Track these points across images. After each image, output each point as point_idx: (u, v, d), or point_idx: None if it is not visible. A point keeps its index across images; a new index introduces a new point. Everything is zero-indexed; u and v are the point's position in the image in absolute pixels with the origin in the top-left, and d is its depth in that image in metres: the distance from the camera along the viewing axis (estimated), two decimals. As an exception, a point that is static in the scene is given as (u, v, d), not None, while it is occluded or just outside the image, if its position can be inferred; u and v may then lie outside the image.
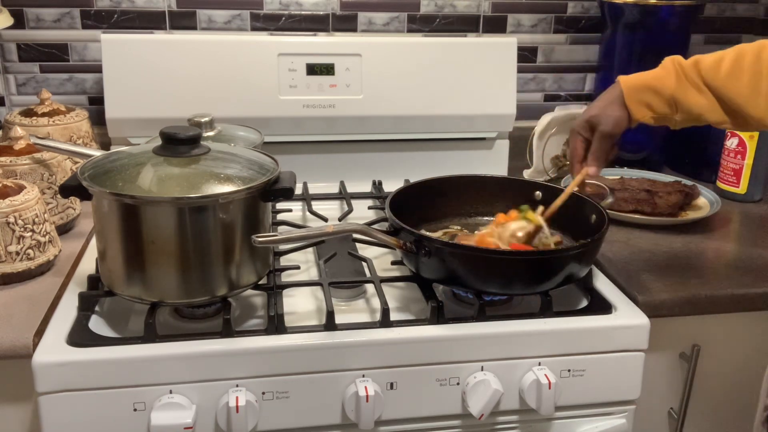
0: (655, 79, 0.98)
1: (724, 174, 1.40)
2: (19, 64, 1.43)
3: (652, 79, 0.98)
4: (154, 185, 0.89)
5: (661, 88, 0.97)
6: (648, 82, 0.99)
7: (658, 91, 0.98)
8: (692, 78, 0.96)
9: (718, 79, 0.94)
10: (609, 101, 1.01)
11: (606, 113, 1.00)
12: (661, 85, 0.97)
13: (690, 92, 0.96)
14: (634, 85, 0.99)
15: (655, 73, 0.99)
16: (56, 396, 0.86)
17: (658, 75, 0.99)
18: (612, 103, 1.01)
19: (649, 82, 0.99)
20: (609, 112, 1.00)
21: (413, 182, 1.18)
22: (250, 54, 1.36)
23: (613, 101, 1.01)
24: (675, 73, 0.97)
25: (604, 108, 1.01)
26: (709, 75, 0.95)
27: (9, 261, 0.99)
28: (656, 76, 0.99)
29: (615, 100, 1.00)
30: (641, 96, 0.99)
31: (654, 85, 0.98)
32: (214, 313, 0.99)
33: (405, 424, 0.96)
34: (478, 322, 0.96)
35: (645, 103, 0.99)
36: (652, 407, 1.11)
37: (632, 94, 0.99)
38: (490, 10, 1.55)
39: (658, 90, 0.98)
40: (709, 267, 1.12)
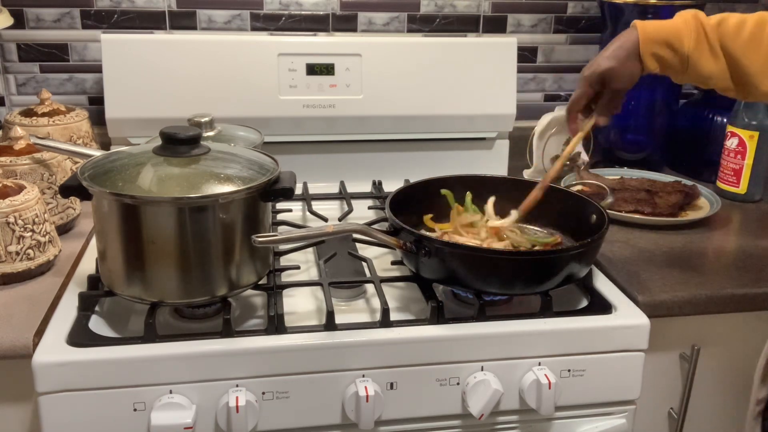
0: (674, 34, 0.94)
1: (724, 174, 1.40)
2: (19, 64, 1.43)
3: (671, 34, 0.94)
4: (154, 185, 0.89)
5: (678, 45, 0.94)
6: (667, 36, 0.94)
7: (674, 48, 0.94)
8: (712, 40, 0.93)
9: (737, 46, 0.91)
10: (625, 53, 0.96)
11: (623, 68, 0.96)
12: (678, 42, 0.94)
13: (705, 55, 0.93)
14: (651, 37, 0.95)
15: (675, 26, 0.95)
16: (56, 396, 0.86)
17: (678, 29, 0.94)
18: (628, 55, 0.96)
19: (667, 36, 0.94)
20: (626, 68, 0.96)
21: (413, 182, 1.18)
22: (250, 54, 1.36)
23: (629, 54, 0.96)
24: (695, 31, 0.93)
25: (620, 61, 0.96)
26: (728, 39, 0.92)
27: (9, 261, 0.99)
28: (676, 30, 0.94)
29: (631, 53, 0.96)
30: (656, 49, 0.95)
31: (672, 41, 0.94)
32: (214, 313, 0.99)
33: (405, 424, 0.96)
34: (478, 322, 0.96)
35: (658, 56, 0.95)
36: (652, 407, 1.11)
37: (648, 46, 0.95)
38: (490, 10, 1.55)
39: (675, 47, 0.94)
40: (709, 267, 1.12)
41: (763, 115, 1.34)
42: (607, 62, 0.98)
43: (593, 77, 0.99)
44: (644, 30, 0.96)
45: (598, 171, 1.44)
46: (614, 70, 0.97)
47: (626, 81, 0.97)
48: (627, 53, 0.96)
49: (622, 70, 0.97)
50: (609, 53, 0.98)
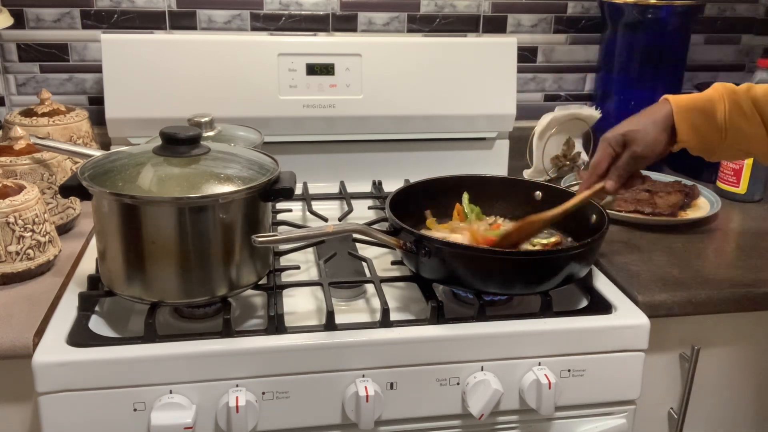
0: (707, 101, 0.92)
1: (724, 174, 1.40)
2: (19, 64, 1.43)
3: (705, 102, 0.93)
4: (154, 185, 0.89)
5: (712, 111, 0.92)
6: (699, 103, 0.93)
7: (708, 114, 0.92)
8: (745, 105, 0.91)
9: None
10: (652, 120, 0.94)
11: (646, 132, 0.94)
12: (712, 108, 0.92)
13: (741, 120, 0.91)
14: (685, 105, 0.93)
15: (708, 95, 0.93)
16: (56, 396, 0.86)
17: (710, 97, 0.93)
18: (655, 123, 0.94)
19: (700, 103, 0.93)
20: (649, 132, 0.94)
21: (413, 182, 1.18)
22: (250, 54, 1.36)
23: (657, 121, 0.94)
24: (728, 98, 0.92)
25: (645, 126, 0.94)
26: (761, 103, 0.90)
27: (9, 261, 0.99)
28: (708, 98, 0.93)
29: (660, 121, 0.94)
30: (692, 117, 0.93)
31: (705, 107, 0.92)
32: (214, 313, 0.99)
33: (405, 424, 0.96)
34: (478, 322, 0.96)
35: (694, 125, 0.93)
36: (652, 407, 1.11)
37: (682, 114, 0.93)
38: (490, 10, 1.55)
39: (709, 113, 0.92)
40: (709, 267, 1.12)
41: (763, 115, 1.34)
42: (631, 124, 0.96)
43: (615, 137, 0.97)
44: (677, 100, 0.94)
45: (598, 171, 1.44)
46: (637, 131, 0.95)
47: (649, 147, 0.94)
48: (656, 119, 0.94)
49: (648, 132, 0.94)
50: (635, 118, 0.96)
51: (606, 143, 0.98)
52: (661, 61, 1.51)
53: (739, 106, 0.92)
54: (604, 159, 0.99)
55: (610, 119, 1.53)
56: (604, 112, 1.51)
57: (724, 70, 1.71)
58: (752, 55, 1.71)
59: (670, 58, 1.52)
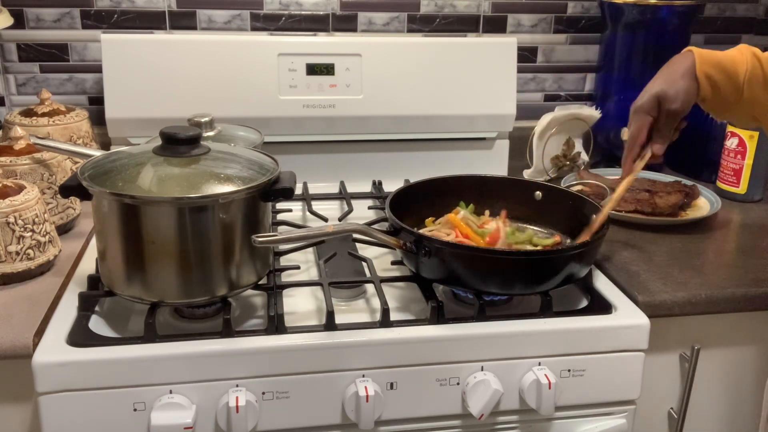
0: (730, 60, 0.91)
1: (724, 174, 1.40)
2: (19, 64, 1.43)
3: (728, 60, 0.91)
4: (154, 185, 0.89)
5: (733, 72, 0.91)
6: (723, 60, 0.91)
7: (729, 74, 0.91)
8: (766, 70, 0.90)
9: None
10: (679, 73, 0.93)
11: (676, 88, 0.93)
12: (734, 69, 0.91)
13: (759, 85, 0.90)
14: (708, 59, 0.92)
15: (731, 54, 0.92)
16: (56, 396, 0.86)
17: (735, 57, 0.92)
18: (683, 76, 0.93)
19: (723, 60, 0.91)
20: (680, 87, 0.92)
21: (413, 182, 1.18)
22: (250, 54, 1.36)
23: (684, 73, 0.93)
24: (751, 61, 0.91)
25: (674, 82, 0.93)
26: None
27: (9, 261, 0.99)
28: (732, 57, 0.92)
29: (686, 72, 0.92)
30: (713, 72, 0.91)
31: (728, 66, 0.91)
32: (214, 313, 0.99)
33: (405, 424, 0.96)
34: (478, 322, 0.96)
35: (713, 80, 0.92)
36: (652, 407, 1.11)
37: (705, 67, 0.92)
38: (490, 10, 1.55)
39: (731, 72, 0.91)
40: (709, 267, 1.12)
41: (763, 115, 1.34)
42: (659, 84, 0.94)
43: (649, 101, 0.95)
44: (700, 53, 0.93)
45: (598, 171, 1.44)
46: (668, 90, 0.93)
47: (681, 100, 0.93)
48: (680, 73, 0.93)
49: (678, 87, 0.93)
50: (659, 76, 0.95)
51: (641, 112, 0.96)
52: (661, 61, 1.50)
53: (760, 71, 0.91)
54: (644, 127, 0.97)
55: (610, 119, 1.53)
56: (604, 112, 1.52)
57: (724, 70, 1.71)
58: (752, 55, 1.71)
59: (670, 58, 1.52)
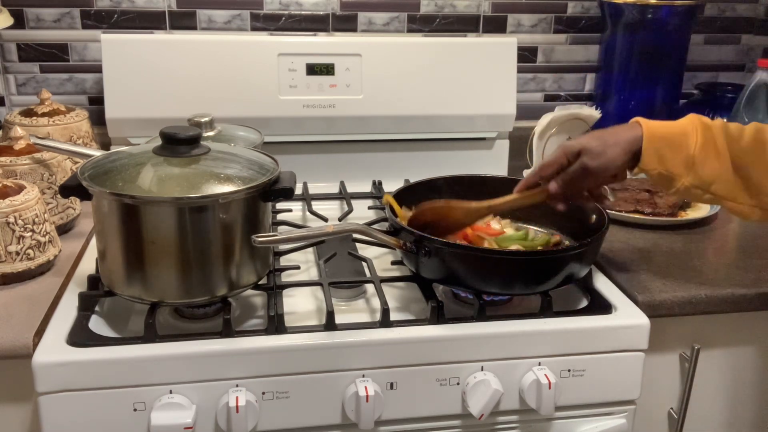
0: (679, 133, 0.91)
1: (724, 174, 1.40)
2: (19, 64, 1.43)
3: (677, 134, 0.91)
4: (154, 185, 0.89)
5: (684, 143, 0.90)
6: (672, 135, 0.91)
7: (678, 148, 0.90)
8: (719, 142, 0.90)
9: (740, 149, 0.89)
10: (615, 140, 0.92)
11: (603, 151, 0.92)
12: (684, 140, 0.90)
13: (711, 157, 0.90)
14: (656, 133, 0.91)
15: (680, 126, 0.92)
16: (56, 396, 0.86)
17: (684, 129, 0.91)
18: (617, 144, 0.92)
19: (672, 135, 0.91)
20: (607, 152, 0.92)
21: (413, 182, 1.18)
22: (250, 54, 1.36)
23: (620, 142, 0.92)
24: (702, 131, 0.91)
25: (606, 145, 0.92)
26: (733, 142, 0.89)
27: (9, 261, 0.99)
28: (681, 130, 0.91)
29: (624, 143, 0.92)
30: (661, 146, 0.91)
31: (677, 141, 0.90)
32: (214, 313, 0.99)
33: (405, 424, 0.96)
34: (478, 322, 0.96)
35: (660, 156, 0.91)
36: (652, 407, 1.11)
37: (652, 141, 0.91)
38: (490, 10, 1.55)
39: (680, 145, 0.90)
40: (709, 267, 1.12)
41: (763, 115, 1.34)
42: (593, 141, 0.93)
43: (570, 147, 0.95)
44: (649, 127, 0.92)
45: (598, 171, 1.44)
46: (594, 148, 0.92)
47: (602, 165, 0.92)
48: (616, 142, 0.92)
49: (602, 152, 0.92)
50: (599, 135, 0.94)
51: (561, 150, 0.96)
52: (661, 61, 1.51)
53: (712, 141, 0.91)
54: (554, 164, 0.97)
55: (610, 119, 1.53)
56: (604, 112, 1.51)
57: (724, 70, 1.71)
58: (752, 55, 1.71)
59: (670, 58, 1.52)
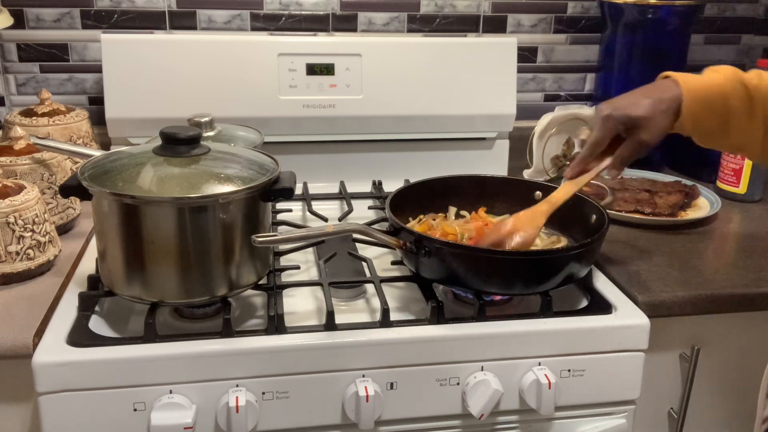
0: (717, 94, 0.86)
1: (724, 174, 1.40)
2: (19, 64, 1.43)
3: (716, 94, 0.86)
4: (154, 185, 0.89)
5: (721, 108, 0.86)
6: (709, 96, 0.86)
7: (716, 110, 0.86)
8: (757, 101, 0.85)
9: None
10: (664, 106, 0.87)
11: (656, 121, 0.87)
12: (722, 104, 0.86)
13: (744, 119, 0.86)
14: (696, 95, 0.86)
15: (718, 85, 0.86)
16: (56, 396, 0.86)
17: (721, 90, 0.86)
18: (667, 111, 0.87)
19: (710, 96, 0.86)
20: (660, 122, 0.87)
21: (413, 182, 1.18)
22: (250, 54, 1.36)
23: (668, 108, 0.87)
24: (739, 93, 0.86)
25: (655, 113, 0.87)
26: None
27: (9, 261, 0.99)
28: (719, 90, 0.86)
29: (671, 107, 0.87)
30: (700, 109, 0.87)
31: (715, 102, 0.86)
32: (214, 313, 0.99)
33: (405, 424, 0.96)
34: (478, 322, 0.96)
35: (697, 117, 0.87)
36: (652, 407, 1.11)
37: (691, 105, 0.87)
38: (490, 10, 1.55)
39: (717, 109, 0.86)
40: (709, 267, 1.12)
41: (763, 115, 1.34)
42: (641, 108, 0.88)
43: (623, 120, 0.89)
44: (687, 86, 0.86)
45: (598, 171, 1.44)
46: (648, 119, 0.87)
47: (656, 136, 0.88)
48: (666, 106, 0.87)
49: (658, 121, 0.87)
50: (646, 101, 0.88)
51: (612, 123, 0.90)
52: (661, 61, 1.51)
53: (749, 104, 0.86)
54: (608, 138, 0.92)
55: (610, 119, 1.53)
56: (604, 112, 1.51)
57: (724, 70, 1.71)
58: (752, 55, 1.71)
59: (670, 58, 1.52)
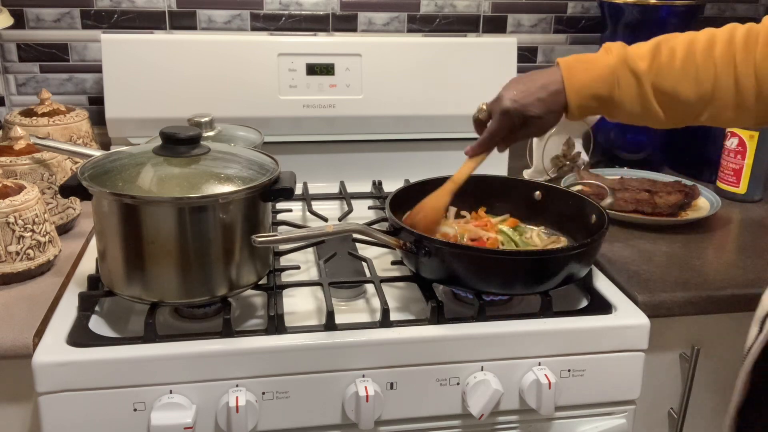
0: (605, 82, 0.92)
1: (724, 174, 1.40)
2: (19, 64, 1.43)
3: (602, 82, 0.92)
4: (154, 185, 0.89)
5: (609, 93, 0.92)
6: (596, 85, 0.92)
7: (604, 97, 0.93)
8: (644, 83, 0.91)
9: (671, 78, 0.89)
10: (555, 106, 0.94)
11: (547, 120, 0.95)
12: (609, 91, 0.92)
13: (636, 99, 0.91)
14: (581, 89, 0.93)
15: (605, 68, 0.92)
16: (56, 396, 0.86)
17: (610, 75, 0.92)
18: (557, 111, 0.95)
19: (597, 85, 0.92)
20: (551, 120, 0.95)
21: (413, 182, 1.18)
22: (250, 54, 1.36)
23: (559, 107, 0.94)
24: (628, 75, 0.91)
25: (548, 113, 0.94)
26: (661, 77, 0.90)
27: (9, 261, 0.99)
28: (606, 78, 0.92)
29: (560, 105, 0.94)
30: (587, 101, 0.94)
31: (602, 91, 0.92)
32: (214, 313, 0.99)
33: (405, 424, 0.96)
34: (478, 322, 0.96)
35: (585, 107, 0.94)
36: (652, 407, 1.11)
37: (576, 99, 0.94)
38: (490, 10, 1.55)
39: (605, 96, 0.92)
40: (709, 267, 1.12)
41: (763, 115, 1.33)
42: (538, 110, 0.95)
43: (520, 118, 0.96)
44: (570, 80, 0.93)
45: (598, 171, 1.44)
46: (541, 119, 0.95)
47: (544, 131, 0.98)
48: (558, 107, 0.94)
49: (546, 121, 0.96)
50: (540, 102, 0.95)
51: (508, 119, 0.97)
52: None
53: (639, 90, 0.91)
54: (503, 131, 1.00)
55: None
56: (604, 112, 1.51)
57: (724, 70, 1.71)
58: (752, 55, 1.71)
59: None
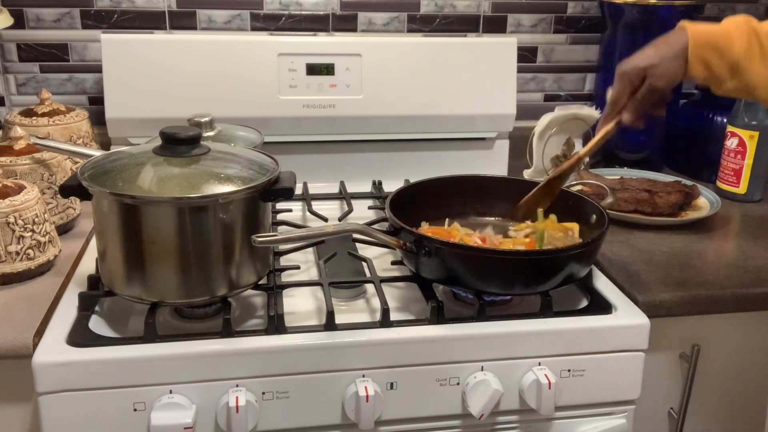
0: (724, 37, 0.92)
1: (724, 174, 1.40)
2: (19, 64, 1.43)
3: (722, 38, 0.92)
4: (154, 185, 0.89)
5: (727, 50, 0.91)
6: (716, 40, 0.92)
7: (723, 53, 0.92)
8: (765, 45, 0.90)
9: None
10: (672, 54, 0.94)
11: (665, 67, 0.94)
12: (728, 47, 0.91)
13: (756, 62, 0.90)
14: (701, 39, 0.93)
15: (726, 30, 0.93)
16: (56, 396, 0.86)
17: (729, 34, 0.92)
18: (675, 57, 0.94)
19: (717, 40, 0.92)
20: (669, 67, 0.94)
21: (413, 182, 1.18)
22: (250, 54, 1.36)
23: (676, 54, 0.94)
24: (747, 36, 0.91)
25: (664, 60, 0.94)
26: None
27: (9, 261, 0.99)
28: (726, 34, 0.92)
29: (678, 53, 0.94)
30: (706, 53, 0.92)
31: (721, 45, 0.91)
32: (214, 313, 0.99)
33: (405, 424, 0.96)
34: (478, 322, 0.96)
35: (705, 61, 0.93)
36: (652, 407, 1.11)
37: (698, 50, 0.93)
38: (490, 10, 1.55)
39: (724, 52, 0.92)
40: (709, 267, 1.12)
41: (763, 115, 1.34)
42: (649, 59, 0.96)
43: (636, 71, 0.97)
44: (694, 33, 0.93)
45: (598, 171, 1.44)
46: (657, 66, 0.95)
47: (668, 81, 0.95)
48: (674, 52, 0.94)
49: (667, 66, 0.95)
50: (653, 51, 0.96)
51: (626, 77, 0.97)
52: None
53: (757, 45, 0.90)
54: (624, 92, 0.99)
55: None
56: (604, 112, 1.51)
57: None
58: (752, 55, 1.71)
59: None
